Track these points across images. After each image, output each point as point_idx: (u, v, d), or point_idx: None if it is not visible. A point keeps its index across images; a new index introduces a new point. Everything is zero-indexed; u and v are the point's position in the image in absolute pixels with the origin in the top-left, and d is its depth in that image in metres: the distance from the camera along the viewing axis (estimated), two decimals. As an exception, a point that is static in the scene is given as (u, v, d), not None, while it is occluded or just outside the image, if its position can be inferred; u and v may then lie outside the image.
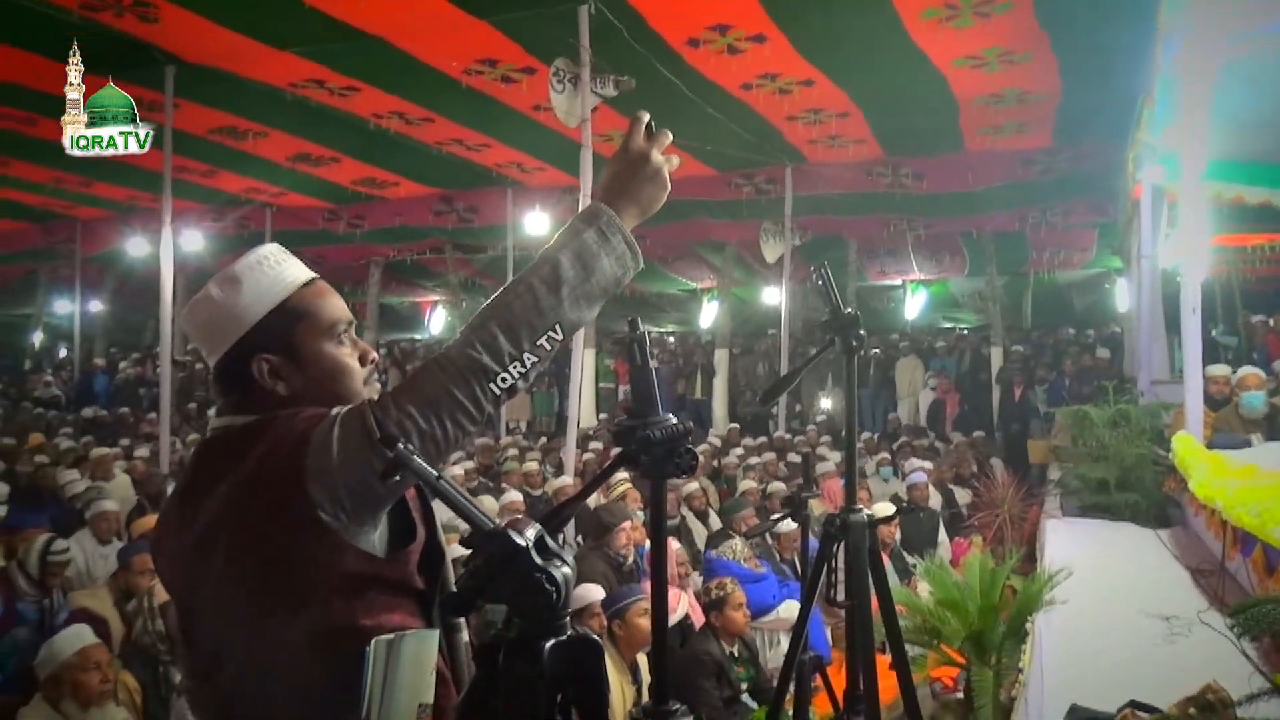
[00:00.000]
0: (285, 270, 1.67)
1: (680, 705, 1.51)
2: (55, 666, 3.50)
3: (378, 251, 16.82)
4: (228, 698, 1.59)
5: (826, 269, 2.47)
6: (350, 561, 1.49)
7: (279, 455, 1.49)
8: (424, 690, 1.50)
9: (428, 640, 1.51)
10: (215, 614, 1.58)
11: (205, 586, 1.57)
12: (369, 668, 1.45)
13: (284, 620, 1.50)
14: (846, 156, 11.76)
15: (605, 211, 1.61)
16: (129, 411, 15.00)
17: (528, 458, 10.13)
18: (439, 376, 1.48)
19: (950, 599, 4.38)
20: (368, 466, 1.43)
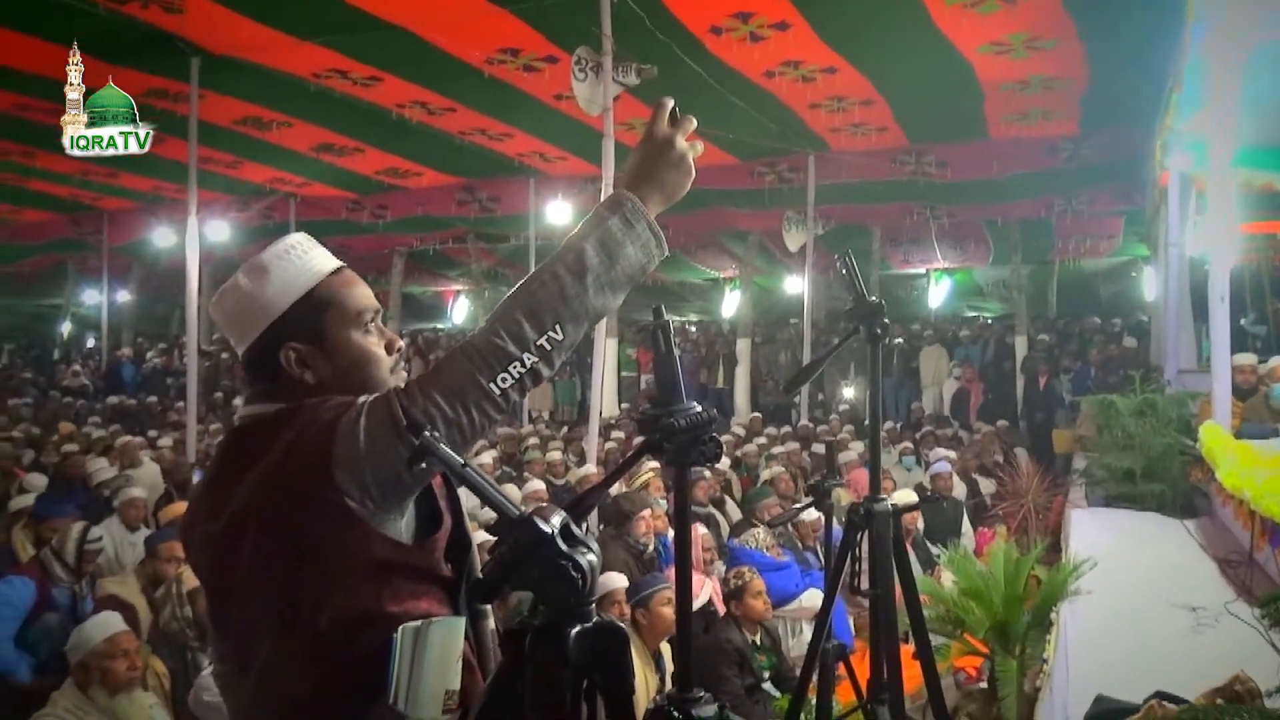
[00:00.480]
0: (312, 259, 1.68)
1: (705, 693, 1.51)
2: (84, 653, 3.54)
3: (401, 241, 16.89)
4: (257, 683, 1.61)
5: (850, 257, 2.46)
6: (377, 549, 1.50)
7: (306, 443, 1.50)
8: (451, 677, 1.50)
9: (454, 627, 1.52)
10: (244, 600, 1.60)
11: (234, 573, 1.59)
12: (396, 654, 1.46)
13: (312, 607, 1.52)
14: (870, 144, 11.69)
15: (629, 199, 1.61)
16: (156, 400, 15.15)
17: (550, 447, 10.15)
18: (464, 365, 1.49)
19: (974, 588, 4.37)
20: (394, 454, 1.44)
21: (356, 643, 1.51)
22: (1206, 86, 6.23)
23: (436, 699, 1.49)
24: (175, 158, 10.65)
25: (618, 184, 1.67)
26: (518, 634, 1.24)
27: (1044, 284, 17.60)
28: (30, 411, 13.81)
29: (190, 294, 9.34)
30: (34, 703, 4.10)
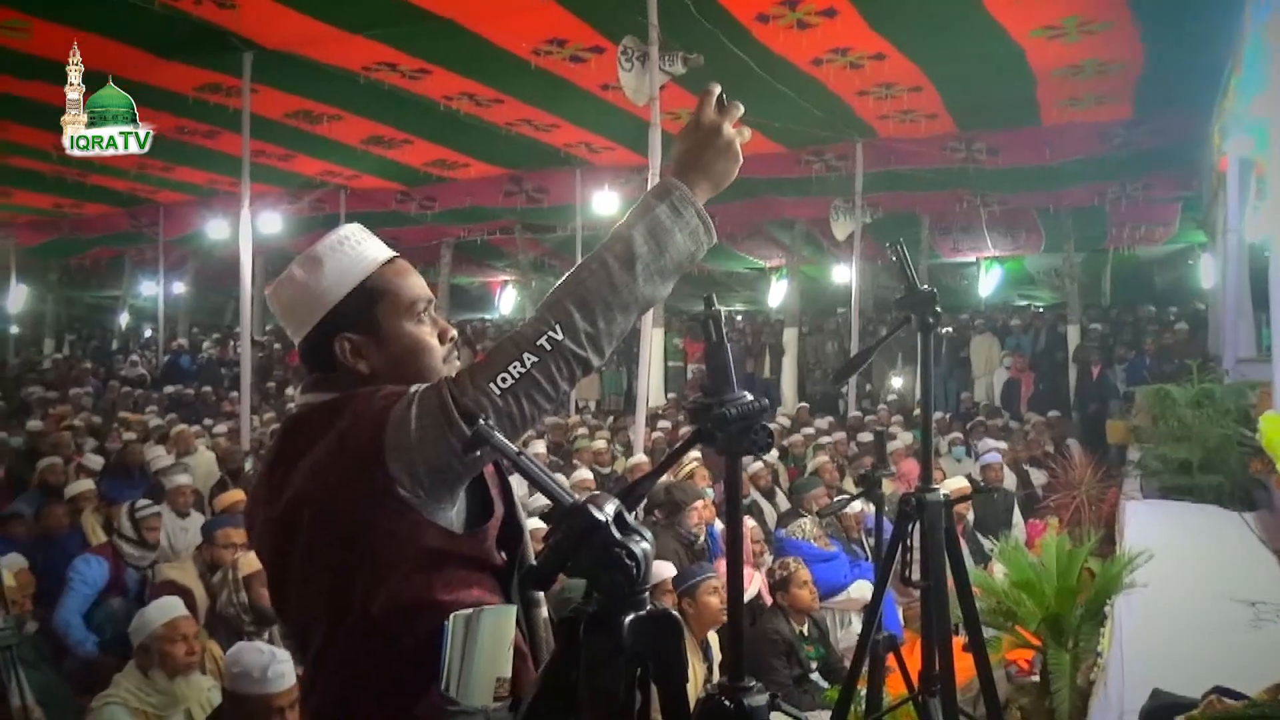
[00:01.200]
0: (366, 249, 1.70)
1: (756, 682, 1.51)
2: (145, 636, 3.62)
3: (449, 232, 17.01)
4: (314, 664, 1.64)
5: (902, 245, 2.44)
6: (429, 537, 1.52)
7: (359, 432, 1.52)
8: (502, 664, 1.52)
9: (506, 615, 1.54)
10: (300, 585, 1.63)
11: (291, 558, 1.62)
12: (447, 642, 1.48)
13: (365, 594, 1.54)
14: (919, 131, 11.55)
15: (678, 186, 1.60)
16: (211, 390, 15.43)
17: (597, 436, 10.19)
18: (515, 354, 1.49)
19: (1026, 580, 4.32)
20: (445, 443, 1.45)
21: (409, 630, 1.53)
22: (1268, 67, 6.07)
23: (488, 686, 1.50)
24: (229, 151, 10.86)
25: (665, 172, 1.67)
26: (572, 621, 1.25)
27: (1097, 272, 17.29)
28: (91, 400, 14.13)
29: (244, 285, 9.49)
30: (98, 675, 4.27)
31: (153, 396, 15.19)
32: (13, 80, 9.58)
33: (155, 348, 19.71)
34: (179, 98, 10.10)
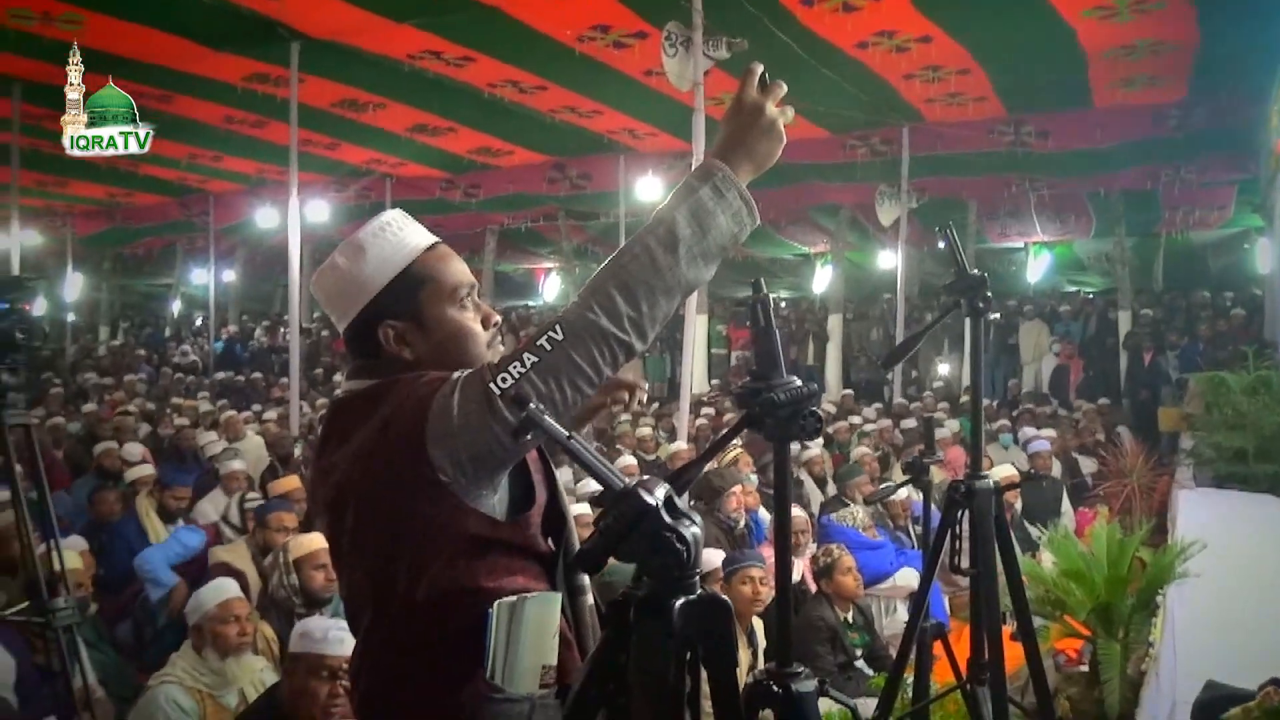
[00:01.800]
0: (407, 236, 1.69)
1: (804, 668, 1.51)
2: (199, 616, 3.68)
3: (493, 219, 17.07)
4: (363, 646, 1.66)
5: (952, 229, 2.41)
6: (471, 524, 1.53)
7: (402, 419, 1.52)
8: (547, 652, 1.53)
9: (550, 603, 1.54)
10: (349, 567, 1.66)
11: (341, 542, 1.65)
12: (491, 629, 1.49)
13: (408, 580, 1.55)
14: (966, 115, 11.40)
15: (720, 168, 1.58)
16: (261, 376, 15.67)
17: (641, 422, 10.20)
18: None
19: (1075, 570, 4.28)
20: (487, 429, 1.45)
21: (453, 617, 1.54)
22: (1329, 47, 5.91)
23: (533, 673, 1.51)
24: (277, 140, 10.97)
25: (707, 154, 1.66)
26: (621, 605, 1.26)
27: (1149, 257, 16.95)
28: (145, 386, 14.41)
29: (292, 273, 9.61)
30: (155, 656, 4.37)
31: (204, 383, 15.47)
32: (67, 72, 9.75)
33: (206, 335, 20.02)
34: (228, 88, 10.24)
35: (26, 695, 3.82)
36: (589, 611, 1.69)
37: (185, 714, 3.44)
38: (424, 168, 14.58)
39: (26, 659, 3.86)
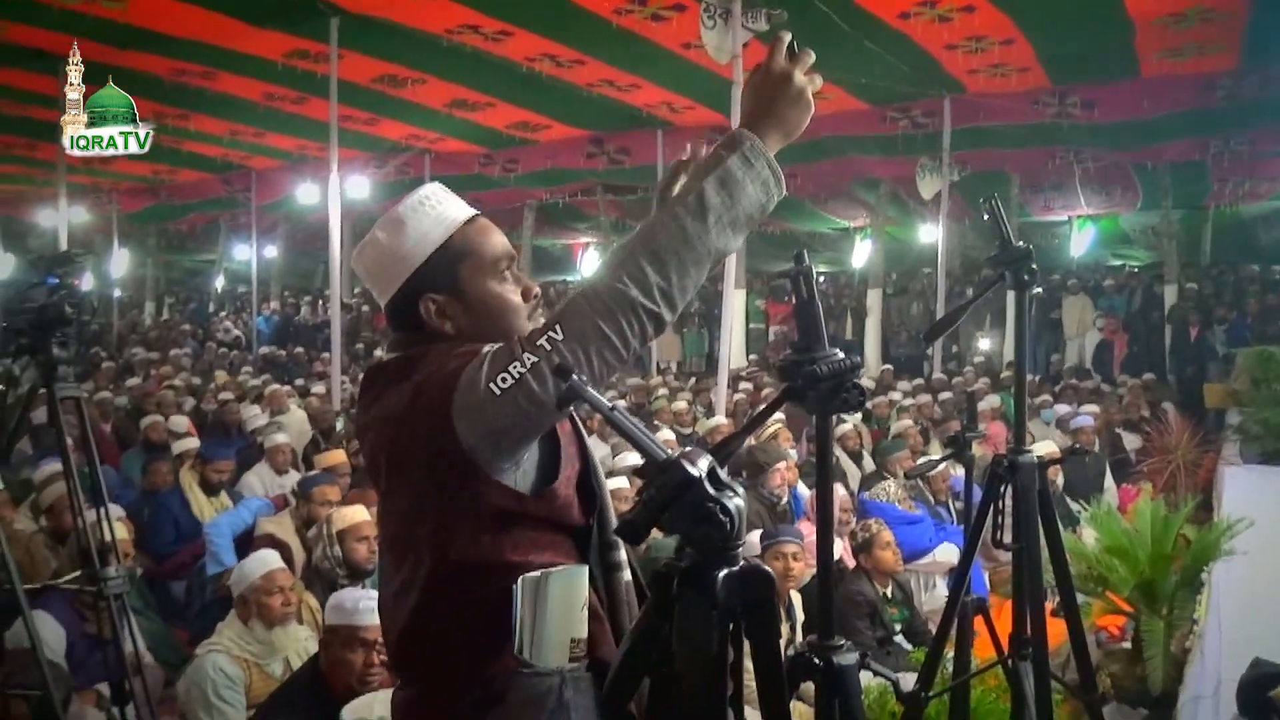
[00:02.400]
0: (447, 209, 1.69)
1: (846, 641, 1.52)
2: (244, 587, 3.75)
3: (531, 195, 17.08)
4: (390, 612, 1.69)
5: (996, 201, 2.38)
6: (495, 497, 1.53)
7: (430, 388, 1.54)
8: (575, 625, 1.53)
9: (576, 577, 1.54)
10: (383, 532, 1.69)
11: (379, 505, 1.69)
12: (517, 605, 1.50)
13: (435, 549, 1.57)
14: (1009, 86, 11.20)
15: (748, 137, 1.56)
16: (303, 351, 15.85)
17: (678, 397, 10.21)
18: (586, 311, 1.48)
19: (1119, 546, 4.24)
20: (513, 403, 1.45)
21: (479, 590, 1.55)
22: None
23: (562, 647, 1.52)
24: (317, 117, 11.03)
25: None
26: (665, 576, 1.26)
27: (1197, 230, 16.63)
28: (190, 361, 14.64)
29: (333, 248, 9.69)
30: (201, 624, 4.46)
31: (247, 357, 15.68)
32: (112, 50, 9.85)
33: (249, 310, 20.25)
34: (269, 64, 10.31)
35: (78, 662, 3.92)
36: (624, 588, 1.68)
37: (232, 682, 3.52)
38: (463, 143, 14.60)
39: (77, 627, 3.95)
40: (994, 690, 3.47)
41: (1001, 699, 3.35)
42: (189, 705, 3.51)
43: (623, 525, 1.25)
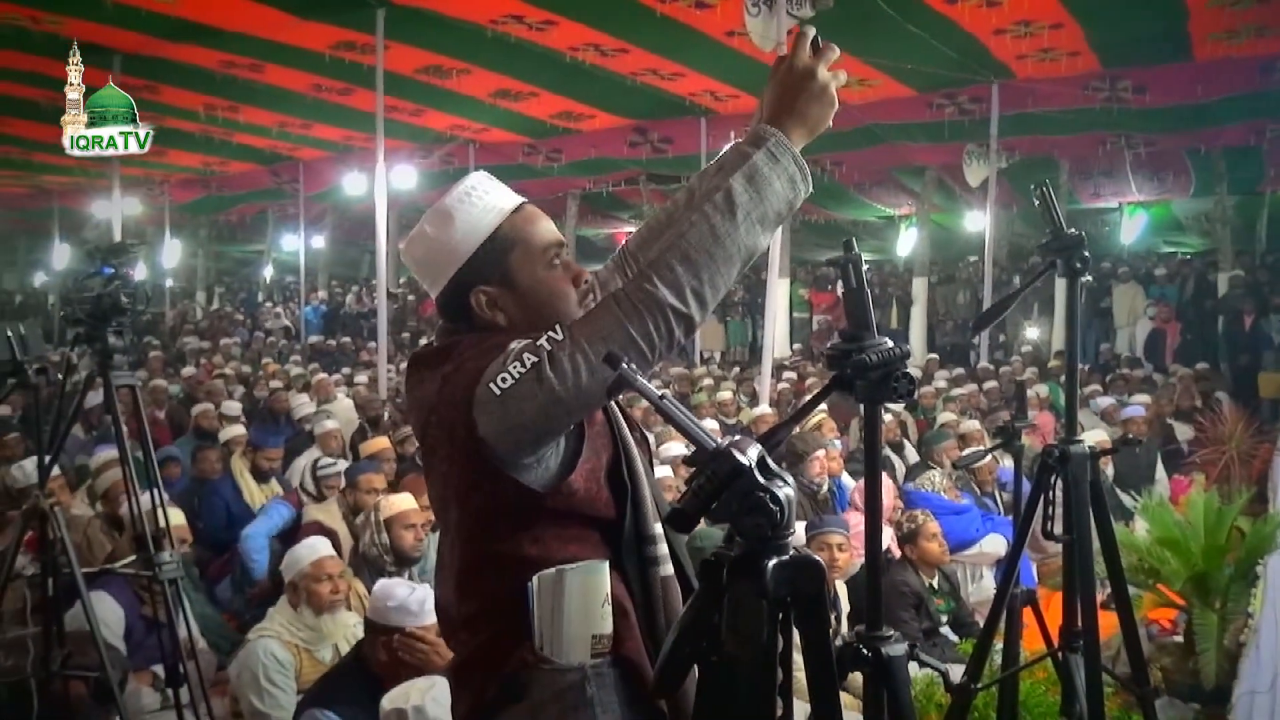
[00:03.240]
0: (493, 199, 1.68)
1: (894, 632, 1.51)
2: (294, 574, 3.80)
3: (575, 184, 17.11)
4: (439, 589, 1.72)
5: (1048, 187, 2.34)
6: (512, 493, 1.53)
7: (455, 380, 1.54)
8: (596, 621, 1.53)
9: (594, 573, 1.54)
10: (433, 510, 1.73)
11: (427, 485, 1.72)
12: (533, 601, 1.51)
13: (461, 538, 1.59)
14: (1059, 71, 11.02)
15: (773, 133, 1.55)
16: (350, 340, 16.03)
17: (722, 387, 10.19)
18: (615, 312, 1.47)
19: (1171, 538, 4.18)
20: (532, 401, 1.44)
21: (499, 581, 1.56)
22: None
23: (583, 643, 1.52)
24: (363, 108, 11.13)
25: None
26: (714, 566, 1.26)
27: (1252, 216, 16.27)
28: (240, 350, 14.87)
29: (379, 238, 9.77)
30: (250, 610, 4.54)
31: (295, 346, 15.89)
32: (165, 44, 10.02)
33: (297, 300, 20.51)
34: (316, 56, 10.41)
35: (134, 645, 4.01)
36: (661, 583, 1.64)
37: (282, 666, 3.57)
38: (507, 133, 14.65)
39: (134, 610, 4.04)
40: (1043, 683, 3.44)
41: (1050, 692, 3.32)
42: (240, 688, 3.57)
43: (672, 514, 1.25)
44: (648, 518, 1.62)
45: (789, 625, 1.28)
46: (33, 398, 3.37)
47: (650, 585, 1.62)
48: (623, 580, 1.59)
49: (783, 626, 1.27)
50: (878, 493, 1.53)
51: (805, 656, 1.30)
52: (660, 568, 1.63)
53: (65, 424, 3.72)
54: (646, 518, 1.62)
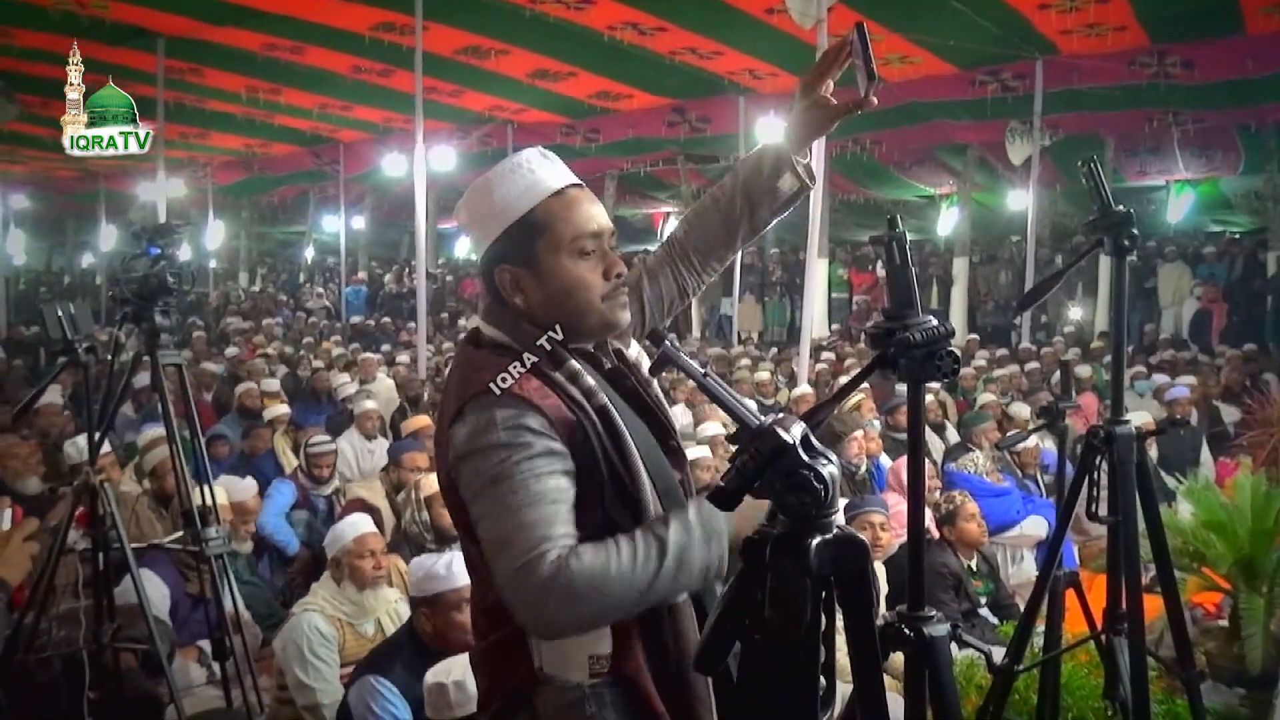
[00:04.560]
0: (539, 177, 1.64)
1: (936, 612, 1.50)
2: (337, 550, 3.86)
3: (613, 164, 17.07)
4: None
5: (1095, 163, 2.30)
6: None
7: (448, 399, 1.60)
8: (593, 642, 1.54)
9: None
10: None
11: None
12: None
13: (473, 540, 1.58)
14: (1105, 46, 10.79)
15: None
16: (390, 320, 16.16)
17: (760, 367, 10.17)
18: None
19: (1216, 521, 4.11)
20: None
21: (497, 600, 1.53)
22: None
23: (581, 662, 1.54)
24: (403, 89, 11.17)
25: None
26: (758, 543, 1.26)
27: (1304, 194, 15.93)
28: (282, 330, 15.04)
29: (419, 219, 9.82)
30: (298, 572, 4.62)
31: (335, 326, 16.06)
32: (206, 27, 10.11)
33: (337, 281, 20.69)
34: (356, 37, 10.45)
35: (181, 619, 4.10)
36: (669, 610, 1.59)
37: (326, 640, 3.63)
38: (545, 113, 14.64)
39: (180, 586, 4.13)
40: (1085, 666, 3.41)
41: (1093, 674, 3.29)
42: (285, 661, 3.63)
43: (715, 492, 1.25)
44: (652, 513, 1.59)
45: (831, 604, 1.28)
46: (82, 376, 3.42)
47: (655, 612, 1.57)
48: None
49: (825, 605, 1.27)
50: (920, 472, 1.52)
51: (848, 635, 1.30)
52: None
53: (114, 402, 3.79)
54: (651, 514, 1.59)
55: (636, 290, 1.87)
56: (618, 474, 1.57)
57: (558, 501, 1.49)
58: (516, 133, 15.24)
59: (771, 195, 1.85)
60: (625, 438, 1.58)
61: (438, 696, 2.75)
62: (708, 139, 14.69)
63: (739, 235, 1.90)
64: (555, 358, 1.60)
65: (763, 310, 16.94)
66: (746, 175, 1.86)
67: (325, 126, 15.90)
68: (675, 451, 1.70)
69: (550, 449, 1.50)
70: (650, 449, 1.63)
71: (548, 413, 1.52)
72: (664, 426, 1.70)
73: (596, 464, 1.56)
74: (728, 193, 1.88)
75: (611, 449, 1.57)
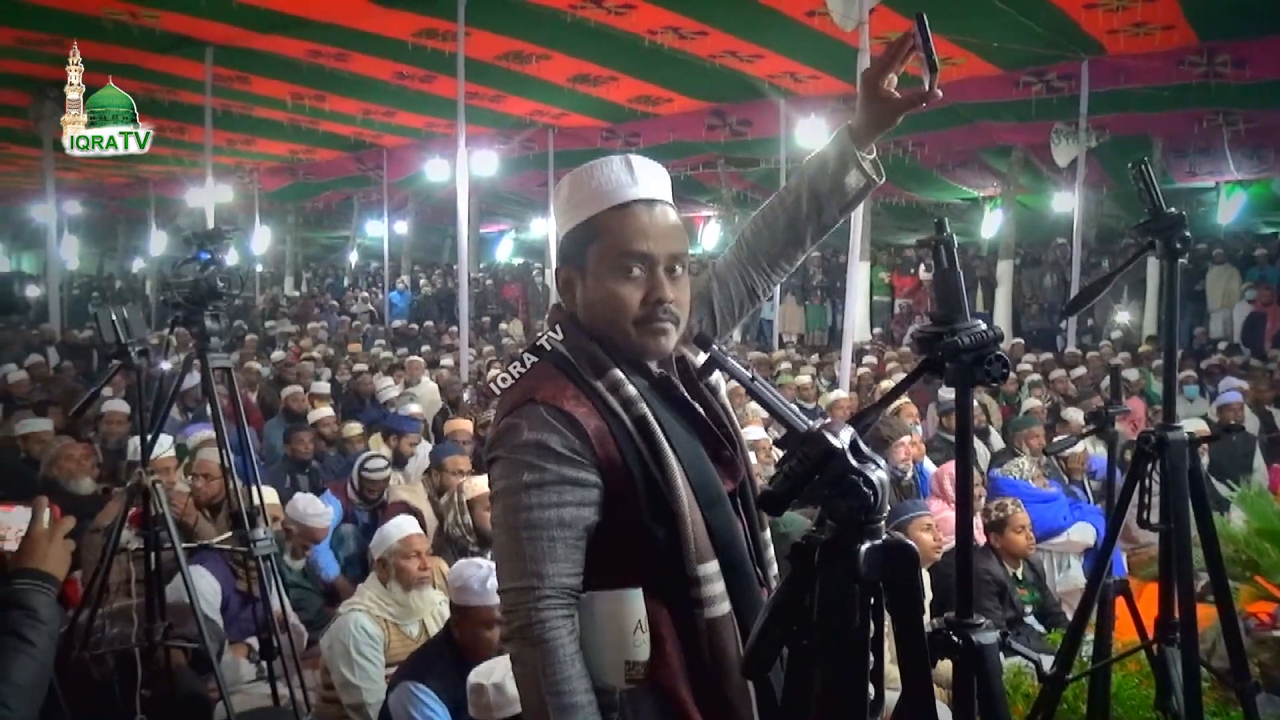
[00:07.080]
0: (613, 185, 1.64)
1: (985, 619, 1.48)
2: (383, 551, 3.90)
3: (652, 168, 17.09)
4: None
5: (1147, 165, 2.27)
6: None
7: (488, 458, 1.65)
8: (629, 648, 1.54)
9: (624, 601, 1.55)
10: None
11: None
12: None
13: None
14: (1153, 45, 10.63)
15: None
16: (432, 324, 16.30)
17: (801, 370, 10.12)
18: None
19: (1270, 529, 4.04)
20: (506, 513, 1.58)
21: None
22: None
23: (616, 668, 1.55)
24: (445, 94, 11.26)
25: None
26: (806, 548, 1.26)
27: (1360, 195, 15.60)
28: (327, 334, 15.22)
29: (460, 223, 9.89)
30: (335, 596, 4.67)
31: (379, 330, 16.21)
32: (253, 35, 10.26)
33: (381, 285, 20.90)
34: (399, 44, 10.57)
35: (230, 618, 4.16)
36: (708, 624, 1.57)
37: (372, 640, 3.67)
38: (585, 118, 14.69)
39: (230, 585, 4.19)
40: (1135, 675, 3.36)
41: (1144, 684, 3.24)
42: (332, 660, 3.67)
43: (764, 496, 1.25)
44: (691, 560, 1.57)
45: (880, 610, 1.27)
46: (135, 379, 3.49)
47: (692, 624, 1.57)
48: (668, 614, 1.58)
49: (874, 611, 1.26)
50: (969, 478, 1.51)
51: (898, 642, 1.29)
52: (707, 609, 1.58)
53: (165, 404, 3.86)
54: (690, 560, 1.57)
55: (706, 296, 1.88)
56: (655, 485, 1.57)
57: (555, 540, 1.53)
58: (557, 137, 15.32)
59: (839, 193, 1.83)
60: (663, 449, 1.57)
61: (479, 697, 2.77)
62: (748, 142, 14.65)
63: (808, 235, 1.88)
64: (598, 365, 1.61)
65: (804, 313, 16.87)
66: (812, 174, 1.84)
67: (369, 132, 16.08)
68: (728, 462, 1.67)
69: (563, 476, 1.54)
70: (695, 459, 1.62)
71: (578, 423, 1.55)
72: (716, 437, 1.68)
73: (631, 475, 1.56)
74: (794, 192, 1.87)
75: (650, 460, 1.57)
